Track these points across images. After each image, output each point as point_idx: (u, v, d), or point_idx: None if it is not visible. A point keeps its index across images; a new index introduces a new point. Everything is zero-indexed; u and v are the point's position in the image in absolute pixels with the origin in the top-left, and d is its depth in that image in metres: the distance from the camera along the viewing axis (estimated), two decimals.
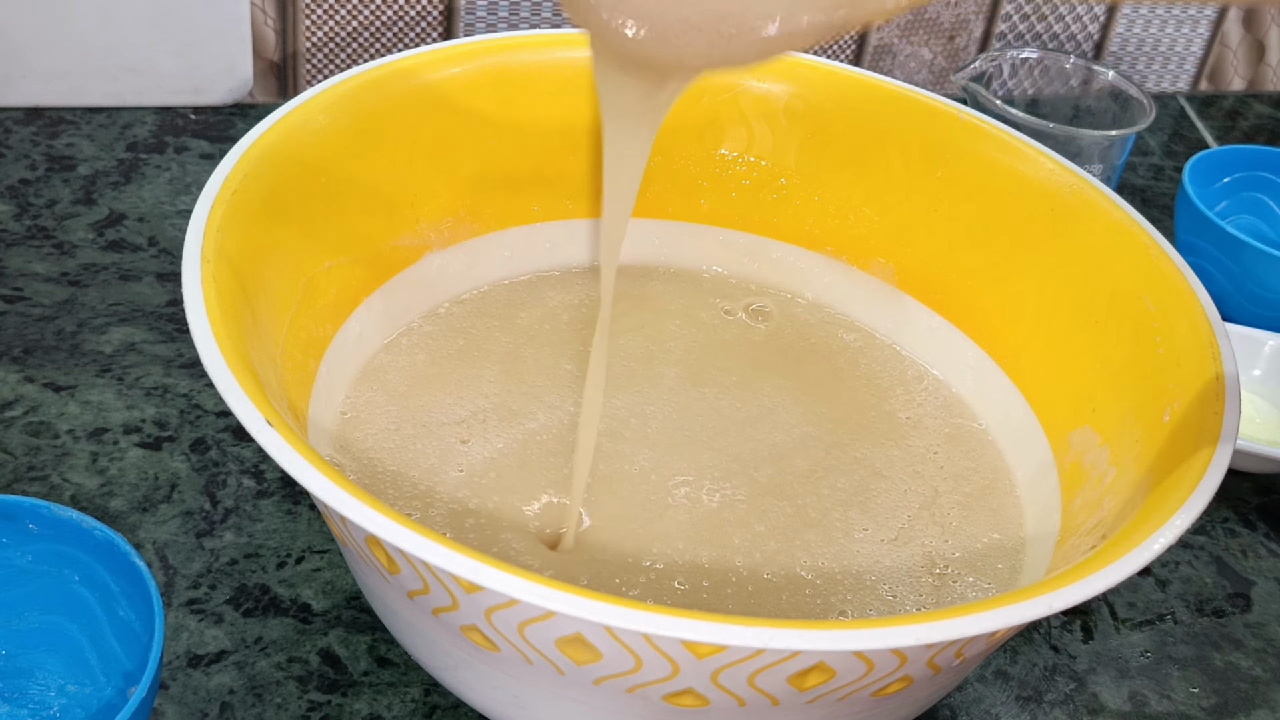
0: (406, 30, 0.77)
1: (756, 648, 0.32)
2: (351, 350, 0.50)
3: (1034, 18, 0.87)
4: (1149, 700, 0.49)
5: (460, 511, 0.46)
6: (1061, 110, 0.74)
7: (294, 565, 0.49)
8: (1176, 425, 0.43)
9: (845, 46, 0.84)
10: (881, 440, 0.52)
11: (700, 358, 0.55)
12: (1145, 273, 0.48)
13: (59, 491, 0.51)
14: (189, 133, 0.73)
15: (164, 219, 0.66)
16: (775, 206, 0.58)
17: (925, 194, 0.55)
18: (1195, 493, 0.38)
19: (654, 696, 0.36)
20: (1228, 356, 0.44)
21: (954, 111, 0.55)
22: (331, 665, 0.46)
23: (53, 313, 0.59)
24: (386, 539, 0.33)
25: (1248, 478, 0.60)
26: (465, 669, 0.39)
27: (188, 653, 0.46)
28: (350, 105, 0.50)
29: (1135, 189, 0.82)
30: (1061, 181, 0.52)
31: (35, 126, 0.71)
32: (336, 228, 0.49)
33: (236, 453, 0.54)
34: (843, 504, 0.49)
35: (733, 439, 0.51)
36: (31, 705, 0.43)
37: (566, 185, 0.57)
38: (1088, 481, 0.46)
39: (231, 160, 0.45)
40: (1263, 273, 0.65)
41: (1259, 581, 0.55)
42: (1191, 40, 0.92)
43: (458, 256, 0.55)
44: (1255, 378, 0.63)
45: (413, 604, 0.38)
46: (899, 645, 0.32)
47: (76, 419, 0.54)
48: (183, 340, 0.58)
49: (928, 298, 0.56)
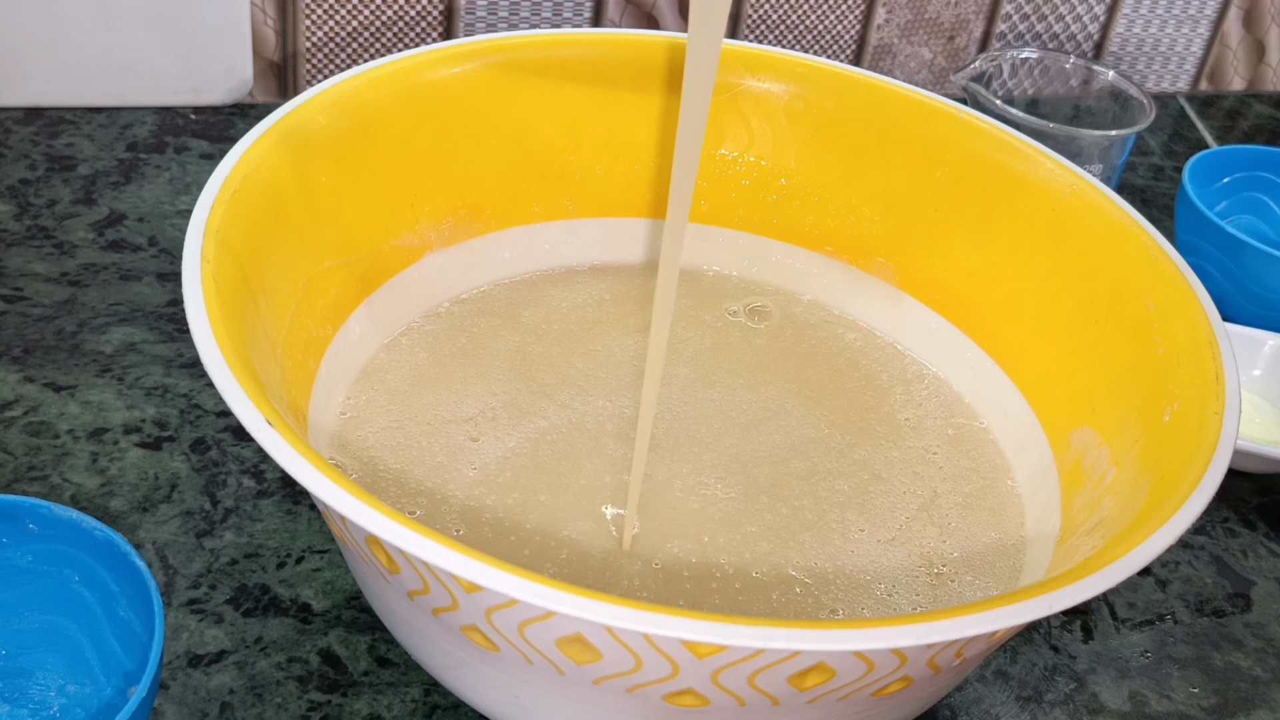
0: (406, 30, 0.77)
1: (756, 648, 0.32)
2: (352, 350, 0.50)
3: (1034, 18, 0.87)
4: (1149, 700, 0.49)
5: (476, 509, 0.46)
6: (1061, 110, 0.74)
7: (294, 565, 0.49)
8: (1176, 425, 0.43)
9: (845, 46, 0.84)
10: (881, 441, 0.52)
11: (708, 359, 0.55)
12: (1145, 273, 0.48)
13: (59, 491, 0.51)
14: (189, 133, 0.73)
15: (164, 219, 0.66)
16: (775, 206, 0.58)
17: (925, 194, 0.55)
18: (1195, 493, 0.38)
19: (654, 696, 0.36)
20: (1228, 356, 0.44)
21: (954, 111, 0.55)
22: (331, 665, 0.46)
23: (53, 313, 0.59)
24: (386, 539, 0.33)
25: (1248, 478, 0.60)
26: (465, 669, 0.39)
27: (188, 653, 0.46)
28: (350, 105, 0.50)
29: (1135, 189, 0.82)
30: (1061, 181, 0.52)
31: (35, 126, 0.71)
32: (336, 228, 0.49)
33: (236, 453, 0.54)
34: (840, 505, 0.49)
35: (735, 440, 0.51)
36: (31, 705, 0.43)
37: (566, 185, 0.57)
38: (1088, 481, 0.46)
39: (231, 160, 0.45)
40: (1263, 273, 0.65)
41: (1259, 581, 0.55)
42: (1191, 40, 0.92)
43: (458, 256, 0.55)
44: (1255, 378, 0.63)
45: (413, 604, 0.38)
46: (899, 645, 0.32)
47: (76, 419, 0.54)
48: (183, 340, 0.58)
49: (928, 298, 0.56)
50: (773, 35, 0.83)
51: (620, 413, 0.51)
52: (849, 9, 0.83)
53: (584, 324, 0.55)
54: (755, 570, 0.46)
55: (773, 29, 0.82)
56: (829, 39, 0.84)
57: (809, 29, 0.83)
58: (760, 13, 0.81)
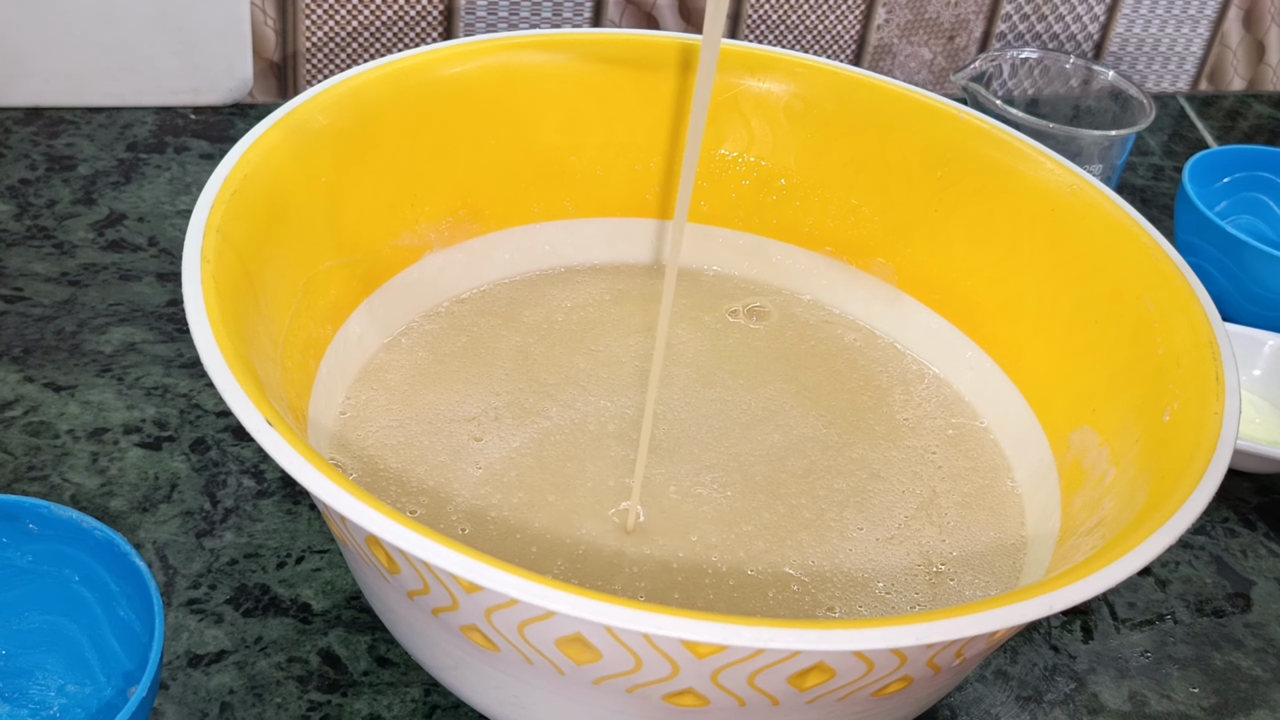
0: (406, 30, 0.77)
1: (756, 648, 0.32)
2: (352, 350, 0.51)
3: (1034, 18, 0.87)
4: (1149, 700, 0.49)
5: (482, 508, 0.46)
6: (1061, 110, 0.74)
7: (294, 565, 0.49)
8: (1176, 425, 0.43)
9: (845, 46, 0.84)
10: (880, 441, 0.52)
11: (708, 360, 0.55)
12: (1145, 273, 0.48)
13: (59, 491, 0.51)
14: (189, 133, 0.73)
15: (164, 219, 0.66)
16: (775, 207, 0.58)
17: (925, 194, 0.55)
18: (1195, 493, 0.38)
19: (654, 696, 0.36)
20: (1228, 356, 0.44)
21: (954, 111, 0.55)
22: (331, 665, 0.46)
23: (53, 313, 0.59)
24: (386, 539, 0.33)
25: (1248, 478, 0.60)
26: (465, 669, 0.39)
27: (188, 653, 0.46)
28: (350, 105, 0.50)
29: (1135, 189, 0.82)
30: (1061, 181, 0.52)
31: (35, 126, 0.71)
32: (336, 228, 0.49)
33: (236, 453, 0.54)
34: (839, 504, 0.49)
35: (734, 440, 0.51)
36: (31, 705, 0.43)
37: (566, 185, 0.57)
38: (1088, 481, 0.46)
39: (231, 160, 0.45)
40: (1263, 273, 0.65)
41: (1259, 581, 0.55)
42: (1191, 40, 0.92)
43: (458, 256, 0.55)
44: (1255, 378, 0.63)
45: (413, 604, 0.38)
46: (899, 645, 0.32)
47: (76, 419, 0.54)
48: (183, 340, 0.58)
49: (928, 298, 0.56)
50: (773, 35, 0.83)
51: (622, 413, 0.51)
52: (849, 9, 0.83)
53: (585, 324, 0.55)
54: (751, 568, 0.46)
55: (773, 29, 0.82)
56: (829, 39, 0.84)
57: (809, 29, 0.83)
58: (760, 13, 0.81)
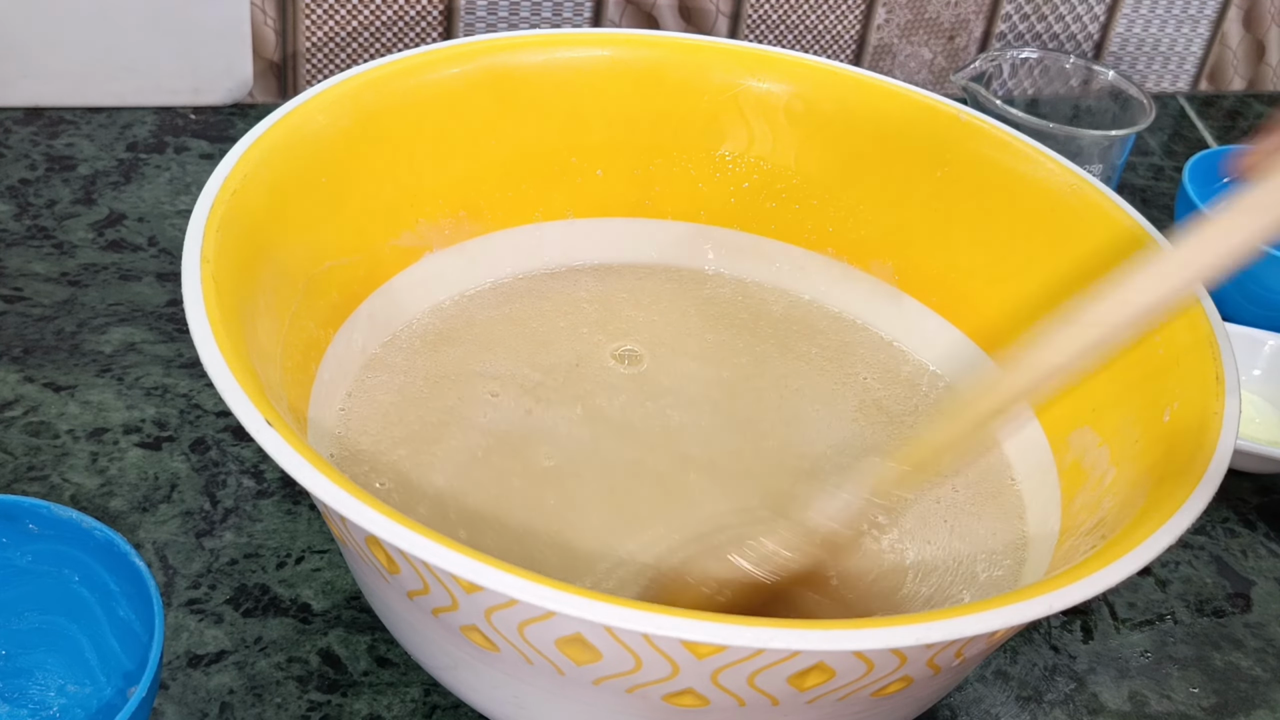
0: (406, 30, 0.77)
1: (756, 648, 0.32)
2: (352, 350, 0.50)
3: (1034, 18, 0.87)
4: (1149, 700, 0.49)
5: (480, 509, 0.46)
6: (1061, 110, 0.74)
7: (294, 565, 0.49)
8: (1176, 425, 0.43)
9: (845, 46, 0.84)
10: (880, 441, 0.52)
11: (706, 359, 0.55)
12: None
13: (59, 491, 0.51)
14: (189, 133, 0.73)
15: (164, 219, 0.66)
16: (775, 207, 0.58)
17: (925, 194, 0.55)
18: (1195, 493, 0.38)
19: (654, 696, 0.36)
20: (1228, 356, 0.44)
21: (954, 111, 0.55)
22: (331, 665, 0.46)
23: (53, 313, 0.59)
24: (386, 539, 0.33)
25: (1248, 478, 0.60)
26: (465, 669, 0.39)
27: (188, 653, 0.46)
28: (350, 105, 0.50)
29: (1135, 189, 0.82)
30: (1061, 181, 0.52)
31: (35, 126, 0.71)
32: (336, 228, 0.49)
33: (236, 453, 0.54)
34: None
35: (734, 439, 0.51)
36: (31, 705, 0.43)
37: (566, 185, 0.57)
38: (1088, 481, 0.46)
39: (231, 160, 0.45)
40: (1263, 273, 0.65)
41: (1259, 581, 0.55)
42: (1191, 40, 0.92)
43: (458, 256, 0.55)
44: (1255, 378, 0.63)
45: (413, 604, 0.38)
46: (899, 645, 0.32)
47: (76, 419, 0.54)
48: (183, 340, 0.58)
49: (928, 298, 0.56)
50: (773, 35, 0.83)
51: (608, 417, 0.51)
52: (849, 9, 0.83)
53: (585, 324, 0.55)
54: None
55: (773, 29, 0.82)
56: (829, 39, 0.84)
57: (809, 29, 0.83)
58: (760, 13, 0.81)
